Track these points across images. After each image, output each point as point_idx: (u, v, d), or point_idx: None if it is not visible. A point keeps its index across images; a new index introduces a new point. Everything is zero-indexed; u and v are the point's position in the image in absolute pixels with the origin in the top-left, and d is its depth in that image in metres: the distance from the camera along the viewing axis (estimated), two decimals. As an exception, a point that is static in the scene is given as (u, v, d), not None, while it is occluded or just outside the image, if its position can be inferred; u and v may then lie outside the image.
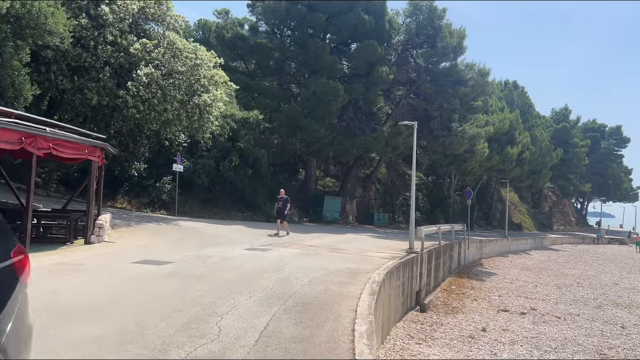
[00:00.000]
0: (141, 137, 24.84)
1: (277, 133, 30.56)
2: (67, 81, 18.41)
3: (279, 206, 18.98)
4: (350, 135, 29.95)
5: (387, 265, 12.48)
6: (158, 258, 11.01)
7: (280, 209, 18.93)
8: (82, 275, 8.55)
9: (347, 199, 36.02)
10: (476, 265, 28.43)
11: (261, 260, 11.76)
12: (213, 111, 21.02)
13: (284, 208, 18.83)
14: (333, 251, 15.02)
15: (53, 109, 21.78)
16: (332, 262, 12.33)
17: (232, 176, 26.72)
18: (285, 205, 18.88)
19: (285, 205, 18.88)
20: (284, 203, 18.93)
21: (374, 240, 21.16)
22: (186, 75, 20.28)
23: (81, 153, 12.61)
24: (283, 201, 18.93)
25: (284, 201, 18.97)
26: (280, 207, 18.92)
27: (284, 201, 18.96)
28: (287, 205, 18.95)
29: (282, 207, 18.84)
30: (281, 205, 18.94)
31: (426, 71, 31.69)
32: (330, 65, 28.44)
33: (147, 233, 15.58)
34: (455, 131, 31.20)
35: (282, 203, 18.90)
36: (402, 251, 16.44)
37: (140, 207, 24.34)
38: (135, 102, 18.84)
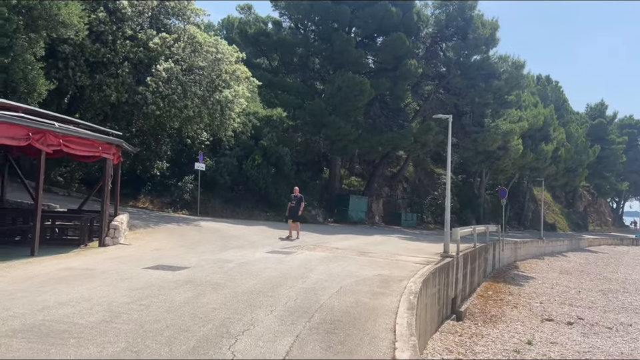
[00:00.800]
0: (163, 136, 24.27)
1: (301, 130, 29.64)
2: (86, 77, 17.87)
3: (292, 205, 17.06)
4: (376, 132, 28.81)
5: (422, 272, 11.38)
6: (173, 263, 10.18)
7: (293, 208, 17.03)
8: (87, 282, 7.75)
9: (373, 199, 34.88)
10: (511, 268, 26.94)
11: (283, 265, 10.81)
12: (235, 108, 20.22)
13: (297, 207, 17.00)
14: (360, 254, 13.98)
15: (73, 106, 21.35)
16: (361, 267, 11.30)
17: (255, 175, 25.92)
18: (298, 204, 17.04)
19: (298, 204, 17.04)
20: (298, 202, 17.06)
21: (403, 242, 20.02)
22: (207, 70, 19.55)
23: (95, 151, 11.90)
24: (297, 200, 17.07)
25: (298, 199, 17.10)
26: (293, 207, 17.03)
27: (298, 200, 17.08)
28: (300, 204, 17.10)
29: (295, 207, 17.00)
30: (294, 204, 17.05)
31: (456, 65, 30.28)
32: (355, 59, 27.37)
33: (166, 235, 14.84)
34: (487, 126, 29.71)
35: (295, 202, 17.05)
36: (436, 255, 15.29)
37: (162, 207, 23.77)
38: (155, 98, 18.16)
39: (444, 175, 46.85)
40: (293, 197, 17.27)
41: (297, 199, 17.08)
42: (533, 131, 38.33)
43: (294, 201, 17.05)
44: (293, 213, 17.04)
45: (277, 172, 27.41)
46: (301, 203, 17.07)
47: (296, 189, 17.67)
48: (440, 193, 42.05)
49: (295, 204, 16.97)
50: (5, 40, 11.81)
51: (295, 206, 16.94)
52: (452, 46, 29.85)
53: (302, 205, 17.13)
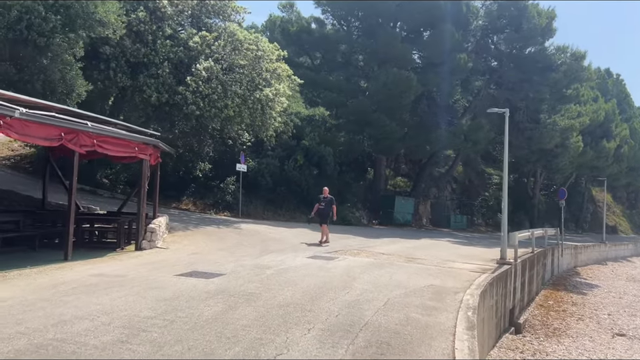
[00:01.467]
0: (205, 137, 24.05)
1: (344, 129, 28.78)
2: (127, 77, 17.75)
3: (321, 207, 15.53)
4: (423, 130, 27.55)
5: (479, 282, 10.26)
6: (208, 268, 9.57)
7: (322, 211, 15.52)
8: (113, 291, 7.21)
9: (420, 200, 33.53)
10: (572, 275, 24.99)
11: (325, 272, 9.99)
12: (276, 107, 19.62)
13: (328, 210, 15.51)
14: (408, 260, 12.96)
15: (116, 108, 21.43)
16: (410, 276, 10.32)
17: (296, 176, 25.28)
18: (329, 207, 15.54)
19: (329, 207, 15.54)
20: (328, 204, 15.58)
21: (454, 246, 18.77)
22: (247, 69, 19.05)
23: (130, 151, 11.51)
24: (327, 202, 15.58)
25: (328, 201, 15.61)
26: (322, 209, 15.50)
27: (328, 202, 15.60)
28: (332, 207, 15.61)
29: (325, 209, 15.49)
30: (323, 206, 15.54)
31: (509, 58, 28.56)
32: (401, 54, 26.24)
33: (204, 237, 14.36)
34: (543, 123, 27.81)
35: (325, 204, 15.54)
36: (491, 261, 14.04)
37: (204, 209, 23.53)
38: (195, 98, 17.82)
39: (495, 175, 44.80)
40: (322, 198, 15.73)
41: (327, 200, 15.62)
42: (592, 127, 35.79)
43: (323, 203, 15.56)
44: (322, 216, 15.60)
45: (319, 173, 26.67)
46: (332, 206, 15.58)
47: (325, 190, 16.09)
48: (491, 194, 40.13)
49: (325, 206, 15.52)
50: (43, 40, 11.64)
51: (325, 208, 15.51)
52: (504, 38, 28.17)
53: (333, 208, 15.61)
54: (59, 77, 12.30)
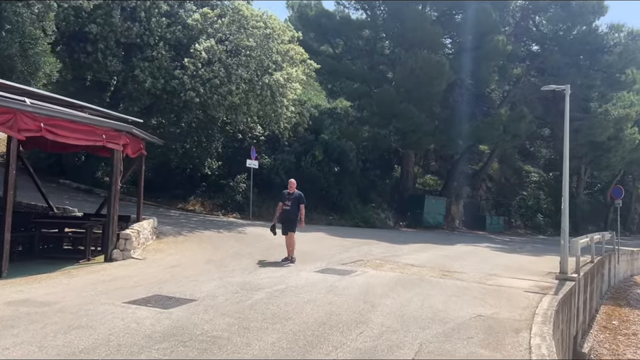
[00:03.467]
0: (214, 131, 21.87)
1: (367, 122, 26.19)
2: (118, 61, 15.65)
3: (287, 208, 10.60)
4: (456, 122, 24.70)
5: (543, 310, 7.59)
6: (178, 290, 7.22)
7: (288, 213, 10.58)
8: (14, 333, 4.91)
9: (452, 200, 30.61)
10: (631, 286, 21.74)
11: (334, 296, 7.50)
12: (288, 93, 17.22)
13: (295, 211, 10.55)
14: (444, 275, 10.34)
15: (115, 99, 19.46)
16: (448, 300, 7.74)
17: (314, 173, 22.83)
18: (296, 207, 10.55)
19: (296, 207, 10.55)
20: (294, 203, 10.57)
21: (496, 254, 15.99)
22: (255, 51, 16.71)
23: (96, 139, 9.26)
24: (293, 200, 10.58)
25: (294, 200, 10.60)
26: (288, 211, 10.57)
27: (295, 200, 10.59)
28: (299, 207, 10.56)
29: (292, 210, 10.54)
30: (289, 205, 10.57)
31: (553, 40, 25.44)
32: (431, 37, 23.46)
33: (197, 245, 12.05)
34: (594, 112, 24.53)
35: (291, 203, 10.56)
36: (547, 275, 11.30)
37: (212, 210, 21.34)
38: (194, 83, 15.60)
39: (534, 172, 41.34)
40: (286, 195, 10.70)
41: (294, 198, 10.60)
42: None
43: (288, 201, 10.57)
44: (287, 221, 10.57)
45: (341, 170, 24.17)
46: (300, 205, 10.60)
47: (292, 183, 10.88)
48: (530, 193, 36.82)
49: (291, 206, 10.54)
50: (-6, 6, 9.55)
51: (291, 209, 10.52)
52: (548, 18, 25.02)
53: (302, 208, 10.64)
54: (18, 52, 10.18)
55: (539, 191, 37.20)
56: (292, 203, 10.66)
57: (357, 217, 23.63)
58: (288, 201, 10.69)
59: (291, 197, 10.72)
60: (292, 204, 10.66)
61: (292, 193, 10.78)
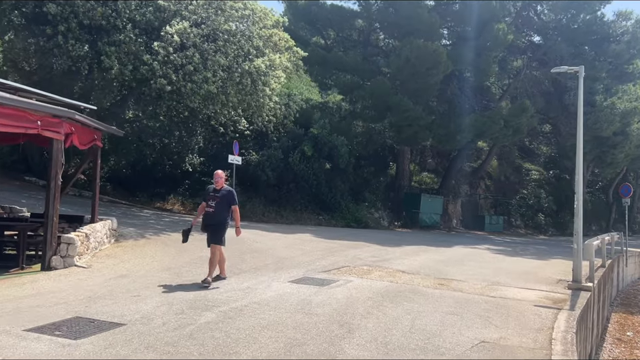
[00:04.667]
0: (195, 125, 20.43)
1: (360, 117, 24.79)
2: (81, 45, 14.17)
3: (211, 210, 7.77)
4: (454, 116, 23.29)
5: (559, 331, 6.20)
6: (108, 310, 5.80)
7: (212, 216, 7.77)
8: None
9: (449, 199, 29.22)
10: (639, 290, 20.37)
11: (303, 317, 6.08)
12: (271, 82, 15.78)
13: (222, 213, 7.80)
14: (439, 284, 8.94)
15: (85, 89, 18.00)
16: (444, 320, 6.33)
17: (303, 170, 21.39)
18: (224, 208, 7.79)
19: (224, 208, 7.79)
20: (222, 202, 7.76)
21: (498, 257, 14.59)
22: (235, 37, 15.29)
23: (27, 126, 7.81)
24: (220, 199, 7.76)
25: (223, 196, 7.79)
26: (212, 213, 7.76)
27: (222, 199, 7.77)
28: (227, 206, 7.82)
29: (217, 213, 7.74)
30: (213, 206, 7.75)
31: (556, 29, 24.06)
32: (427, 25, 22.02)
33: (159, 249, 10.61)
34: (599, 106, 23.13)
35: (216, 204, 7.74)
36: (557, 283, 9.93)
37: (192, 209, 19.86)
38: (165, 69, 14.13)
39: (534, 170, 39.95)
40: (210, 192, 7.92)
41: (221, 196, 7.77)
42: (651, 113, 30.69)
43: (212, 201, 7.74)
44: (212, 226, 7.81)
45: (332, 167, 22.74)
46: (232, 206, 7.84)
47: (218, 175, 7.93)
48: (530, 192, 35.42)
49: (216, 206, 7.71)
50: None
51: (216, 210, 7.72)
52: (551, 6, 23.62)
53: (231, 207, 7.85)
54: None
55: (539, 190, 35.82)
56: (218, 203, 7.70)
57: (348, 217, 22.20)
58: (212, 200, 7.74)
59: (217, 194, 7.77)
60: (218, 204, 7.70)
61: (219, 189, 7.82)
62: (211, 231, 7.90)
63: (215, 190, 7.88)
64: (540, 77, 26.65)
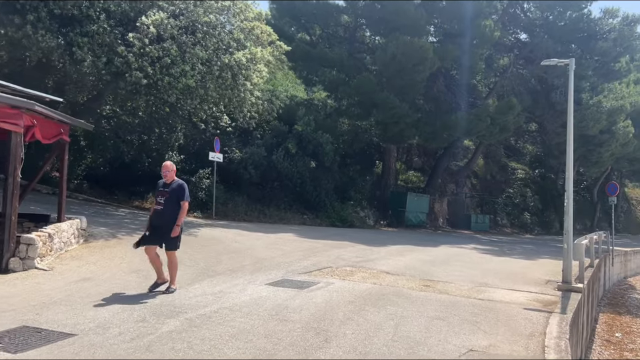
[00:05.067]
0: (175, 121, 19.78)
1: (346, 114, 24.34)
2: (52, 36, 13.46)
3: (158, 207, 6.83)
4: (440, 113, 22.97)
5: (551, 336, 5.82)
6: (62, 317, 5.28)
7: (161, 216, 6.81)
8: None
9: (435, 197, 28.94)
10: (626, 289, 20.30)
11: (277, 324, 5.59)
12: (252, 76, 15.24)
13: (174, 210, 6.75)
14: (425, 286, 8.52)
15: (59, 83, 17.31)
16: (429, 325, 5.89)
17: (287, 168, 20.86)
18: (174, 205, 6.76)
19: (174, 205, 6.76)
20: (172, 198, 6.77)
21: (485, 257, 14.25)
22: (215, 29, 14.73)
23: (-20, 117, 7.21)
24: (170, 194, 6.79)
25: (173, 191, 6.82)
26: (161, 212, 6.80)
27: (171, 195, 6.79)
28: (177, 204, 6.78)
29: (166, 212, 6.76)
30: (163, 202, 6.79)
31: (543, 27, 23.87)
32: (413, 21, 21.64)
33: (130, 250, 9.96)
34: (585, 104, 22.98)
35: (165, 200, 6.79)
36: (546, 284, 9.59)
37: (172, 208, 19.22)
38: (141, 62, 13.49)
39: (520, 169, 39.90)
40: (160, 187, 6.96)
41: (171, 191, 6.80)
42: (635, 113, 30.75)
43: (161, 197, 6.80)
44: (159, 227, 6.83)
45: (317, 165, 22.23)
46: (182, 202, 6.80)
47: (167, 167, 6.94)
48: (516, 191, 35.36)
49: (165, 204, 6.75)
50: None
51: (165, 209, 6.75)
52: (538, 2, 23.39)
53: (183, 207, 6.82)
54: None
55: (525, 189, 35.80)
56: (168, 200, 6.68)
57: (333, 216, 21.74)
58: (161, 197, 6.74)
59: (167, 189, 6.76)
60: (168, 201, 6.68)
61: (169, 183, 6.82)
62: (160, 234, 6.75)
63: (164, 184, 6.89)
64: (526, 75, 26.49)
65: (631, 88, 29.07)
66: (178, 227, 6.81)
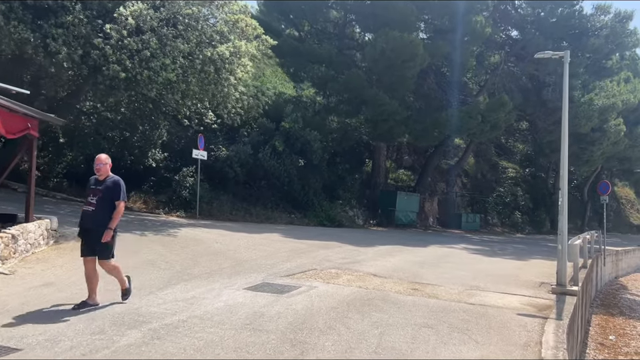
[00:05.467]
0: (158, 117, 19.19)
1: (335, 111, 23.87)
2: (25, 28, 12.84)
3: (88, 209, 5.80)
4: (431, 110, 22.58)
5: (548, 346, 5.40)
6: (8, 329, 4.72)
7: (91, 217, 5.79)
8: None
9: (426, 196, 28.60)
10: (617, 289, 20.06)
11: (250, 335, 5.11)
12: (236, 70, 14.71)
13: (106, 212, 5.78)
14: (413, 289, 8.08)
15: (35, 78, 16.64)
16: (417, 335, 5.44)
17: (274, 166, 20.35)
18: (107, 203, 5.78)
19: (107, 203, 5.78)
20: (104, 197, 5.78)
21: (475, 258, 13.86)
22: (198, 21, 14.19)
23: None
24: (104, 191, 5.80)
25: (107, 189, 5.82)
26: (92, 213, 5.78)
27: (107, 191, 5.81)
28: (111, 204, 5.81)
29: (98, 213, 5.76)
30: (94, 201, 5.78)
31: (534, 24, 23.57)
32: (403, 16, 21.18)
33: (103, 252, 9.45)
34: (577, 101, 22.70)
35: (97, 199, 5.78)
36: (540, 287, 9.19)
37: (155, 207, 18.65)
38: (119, 55, 12.92)
39: (510, 168, 39.70)
40: (91, 185, 5.95)
41: (107, 187, 5.84)
42: (626, 111, 30.63)
43: (93, 196, 5.81)
44: (91, 229, 5.82)
45: (305, 163, 21.73)
46: (117, 203, 5.85)
47: (101, 160, 5.93)
48: (507, 190, 35.11)
49: (97, 203, 5.78)
50: None
51: (97, 210, 5.77)
52: (529, 0, 23.07)
53: (118, 207, 5.86)
54: None
55: (516, 188, 35.58)
56: (100, 199, 5.76)
57: (321, 216, 21.26)
58: (92, 195, 5.81)
59: (100, 187, 5.82)
60: (100, 200, 5.76)
61: (102, 179, 5.87)
62: (92, 238, 5.77)
63: (96, 181, 5.89)
64: (517, 72, 26.21)
65: (622, 86, 28.93)
66: (110, 231, 5.79)
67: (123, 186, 5.96)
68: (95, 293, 5.94)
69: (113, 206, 5.84)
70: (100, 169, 5.90)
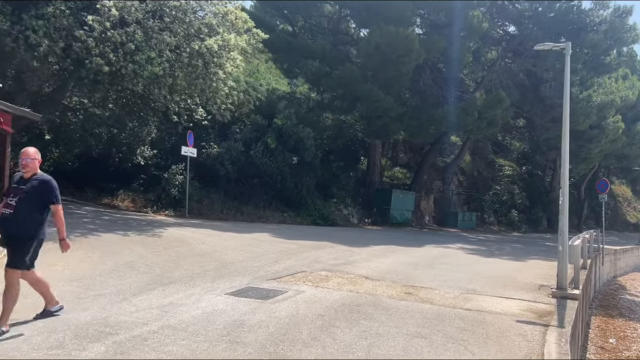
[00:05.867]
0: (147, 114, 18.68)
1: (329, 108, 23.41)
2: (4, 19, 12.35)
3: (8, 212, 4.86)
4: (427, 107, 22.14)
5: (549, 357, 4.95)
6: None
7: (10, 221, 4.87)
8: None
9: (421, 195, 28.20)
10: (616, 290, 19.69)
11: (226, 348, 4.66)
12: (225, 65, 14.23)
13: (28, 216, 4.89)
14: (406, 293, 7.65)
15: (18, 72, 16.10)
16: (409, 345, 5.02)
17: (266, 164, 19.87)
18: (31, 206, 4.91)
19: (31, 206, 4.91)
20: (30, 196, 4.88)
21: (472, 259, 13.43)
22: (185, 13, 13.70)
23: None
24: (28, 192, 4.88)
25: (34, 189, 4.90)
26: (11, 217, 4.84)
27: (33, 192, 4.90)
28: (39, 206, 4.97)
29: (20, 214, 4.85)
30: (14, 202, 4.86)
31: (532, 19, 23.14)
32: (399, 11, 20.72)
33: (79, 253, 8.95)
34: (575, 98, 22.30)
35: (18, 200, 4.86)
36: (540, 290, 8.77)
37: (144, 206, 18.15)
38: (103, 47, 12.41)
39: (507, 166, 39.34)
40: (15, 182, 5.07)
41: (33, 187, 4.93)
42: (624, 109, 30.30)
43: (13, 197, 4.89)
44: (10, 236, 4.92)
45: (298, 161, 21.27)
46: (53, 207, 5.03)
47: (27, 154, 4.97)
48: (503, 188, 34.76)
49: (18, 204, 4.87)
50: None
51: (19, 210, 4.85)
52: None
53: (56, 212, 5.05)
54: None
55: (512, 186, 35.23)
56: (22, 200, 4.90)
57: (315, 214, 20.81)
58: (13, 196, 4.93)
59: (23, 187, 4.95)
60: (22, 202, 4.90)
61: (28, 177, 4.99)
62: (12, 247, 4.92)
63: (20, 179, 4.99)
64: (515, 68, 25.81)
65: (620, 83, 28.57)
66: (66, 242, 5.20)
67: (55, 187, 5.01)
68: (52, 297, 5.48)
69: (38, 209, 4.94)
70: (27, 165, 4.94)
